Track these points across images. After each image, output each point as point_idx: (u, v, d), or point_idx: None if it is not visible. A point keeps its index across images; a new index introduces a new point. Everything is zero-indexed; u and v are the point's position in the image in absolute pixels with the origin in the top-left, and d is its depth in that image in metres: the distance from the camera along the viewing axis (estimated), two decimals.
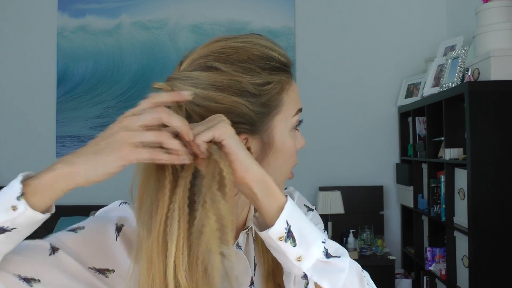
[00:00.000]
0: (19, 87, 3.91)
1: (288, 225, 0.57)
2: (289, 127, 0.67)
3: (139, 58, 3.85)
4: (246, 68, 0.62)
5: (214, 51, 0.63)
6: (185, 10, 3.85)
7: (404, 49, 3.76)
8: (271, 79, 0.64)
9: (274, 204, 0.58)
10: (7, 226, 0.51)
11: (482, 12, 2.46)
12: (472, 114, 2.26)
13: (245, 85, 0.61)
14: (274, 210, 0.58)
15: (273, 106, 0.64)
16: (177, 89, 0.59)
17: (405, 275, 3.49)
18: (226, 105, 0.60)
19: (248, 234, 0.73)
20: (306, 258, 0.58)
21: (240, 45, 0.64)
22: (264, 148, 0.64)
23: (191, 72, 0.62)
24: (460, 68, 2.66)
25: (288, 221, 0.58)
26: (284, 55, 0.67)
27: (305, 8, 3.82)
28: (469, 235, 2.27)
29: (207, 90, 0.60)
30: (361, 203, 3.59)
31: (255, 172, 0.58)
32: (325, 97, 3.74)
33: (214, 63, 0.62)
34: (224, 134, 0.56)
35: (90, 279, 0.60)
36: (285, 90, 0.66)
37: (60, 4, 3.89)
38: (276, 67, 0.65)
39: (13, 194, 0.51)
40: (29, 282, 0.55)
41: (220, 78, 0.61)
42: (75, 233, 0.63)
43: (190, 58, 0.64)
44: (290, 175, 0.71)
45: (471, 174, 2.25)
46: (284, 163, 0.67)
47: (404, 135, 3.64)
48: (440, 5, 3.77)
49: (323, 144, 3.69)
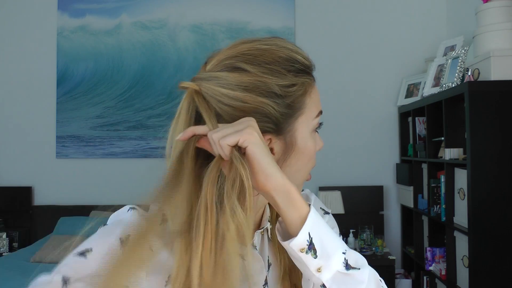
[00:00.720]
0: (19, 87, 3.91)
1: (310, 237, 0.58)
2: (310, 129, 0.68)
3: (139, 58, 3.85)
4: (272, 69, 0.64)
5: (241, 52, 0.64)
6: (185, 10, 3.85)
7: (404, 49, 3.76)
8: (296, 81, 0.65)
9: (296, 214, 0.59)
10: None
11: (482, 12, 2.46)
12: (472, 114, 2.26)
13: (271, 86, 0.63)
14: (296, 221, 0.59)
15: (297, 108, 0.66)
16: (205, 89, 0.62)
17: (405, 275, 3.49)
18: (253, 105, 0.62)
19: (263, 234, 0.74)
20: (326, 269, 0.58)
21: (266, 47, 0.65)
22: (286, 149, 0.65)
23: (217, 73, 0.63)
24: (460, 68, 2.66)
25: (310, 233, 0.58)
26: (308, 58, 0.68)
27: (305, 8, 3.82)
28: (469, 235, 2.27)
29: (234, 91, 0.61)
30: (361, 203, 3.59)
31: (277, 181, 0.58)
32: (325, 97, 3.71)
33: (241, 64, 0.63)
34: (248, 140, 0.57)
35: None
36: (308, 93, 0.67)
37: (60, 4, 3.89)
38: (300, 69, 0.66)
39: None
40: None
41: (246, 79, 0.62)
42: (85, 258, 0.61)
43: (216, 59, 0.65)
44: (308, 176, 0.72)
45: (471, 174, 2.25)
46: (304, 165, 0.68)
47: (404, 135, 3.64)
48: (440, 5, 3.77)
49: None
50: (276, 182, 0.58)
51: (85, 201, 3.72)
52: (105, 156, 3.85)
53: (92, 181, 3.82)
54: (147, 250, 0.60)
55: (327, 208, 0.83)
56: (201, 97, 0.62)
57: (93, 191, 3.78)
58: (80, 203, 3.70)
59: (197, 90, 0.62)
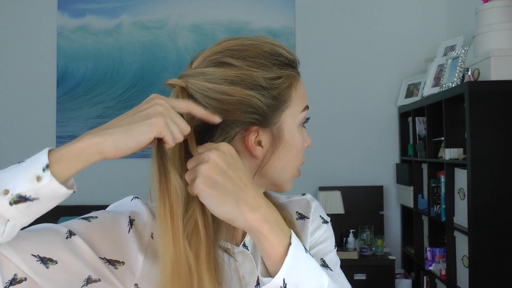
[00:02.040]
0: (19, 87, 3.90)
1: (284, 284, 0.56)
2: (297, 123, 0.69)
3: (139, 58, 3.85)
4: (257, 63, 0.64)
5: (226, 48, 0.65)
6: (185, 10, 3.85)
7: (404, 49, 3.76)
8: (281, 74, 0.66)
9: (267, 253, 0.57)
10: (30, 196, 0.50)
11: (482, 12, 2.46)
12: (472, 114, 2.26)
13: (257, 78, 0.64)
14: (273, 260, 0.57)
15: (283, 100, 0.66)
16: (191, 85, 0.63)
17: (405, 275, 3.49)
18: (238, 97, 0.62)
19: None
20: None
21: (250, 42, 0.66)
22: (274, 142, 0.66)
23: (203, 69, 0.64)
24: (460, 68, 2.66)
25: (285, 279, 0.56)
26: (291, 52, 0.69)
27: (305, 8, 3.82)
28: (469, 235, 2.27)
29: (220, 85, 0.62)
30: (361, 203, 3.59)
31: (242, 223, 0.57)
32: (325, 97, 3.74)
33: (227, 59, 0.64)
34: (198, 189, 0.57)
35: (100, 267, 0.60)
36: (293, 86, 0.68)
37: (60, 4, 3.89)
38: (285, 63, 0.67)
39: (39, 165, 0.51)
40: (46, 263, 0.56)
41: (232, 72, 0.63)
42: (89, 221, 0.64)
43: (202, 56, 0.66)
44: (297, 173, 0.72)
45: (471, 174, 2.25)
46: (292, 159, 0.69)
47: (404, 135, 3.64)
48: (440, 5, 3.77)
49: (323, 144, 3.69)
50: (243, 223, 0.57)
51: (85, 201, 3.72)
52: None
53: (92, 181, 3.81)
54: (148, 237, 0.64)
55: (326, 217, 0.82)
56: (187, 94, 0.63)
57: (93, 191, 3.78)
58: (80, 203, 3.70)
59: (183, 87, 0.63)
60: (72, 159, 0.52)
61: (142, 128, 0.53)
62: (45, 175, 0.50)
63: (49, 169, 0.51)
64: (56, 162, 0.51)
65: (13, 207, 0.50)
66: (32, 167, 0.51)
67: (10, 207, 0.50)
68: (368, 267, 3.20)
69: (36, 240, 0.57)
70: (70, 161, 0.52)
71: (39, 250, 0.56)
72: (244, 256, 0.70)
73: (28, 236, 0.57)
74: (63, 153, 0.52)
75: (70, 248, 0.58)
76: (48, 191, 0.51)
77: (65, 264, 0.57)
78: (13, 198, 0.50)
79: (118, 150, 0.53)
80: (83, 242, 0.60)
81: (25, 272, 0.55)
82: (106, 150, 0.52)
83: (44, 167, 0.50)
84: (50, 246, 0.57)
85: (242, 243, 0.70)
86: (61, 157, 0.51)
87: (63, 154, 0.52)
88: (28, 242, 0.56)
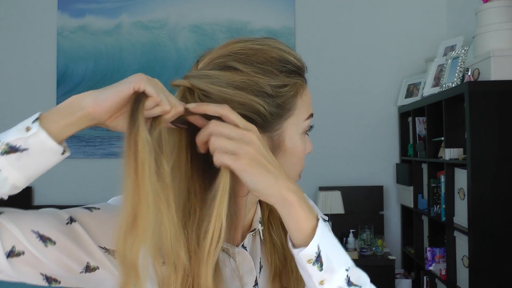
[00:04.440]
0: (19, 87, 3.90)
1: (318, 250, 0.58)
2: (300, 131, 0.68)
3: (139, 58, 3.85)
4: (264, 69, 0.64)
5: (233, 51, 0.64)
6: (185, 10, 3.85)
7: (404, 49, 3.76)
8: (288, 82, 0.65)
9: (295, 226, 0.59)
10: (20, 146, 0.52)
11: (482, 12, 2.46)
12: (472, 114, 2.26)
13: (263, 86, 0.63)
14: (302, 232, 0.59)
15: (287, 108, 0.65)
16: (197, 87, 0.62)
17: (405, 275, 3.49)
18: (242, 100, 0.62)
19: (255, 236, 0.74)
20: (328, 283, 0.59)
21: (259, 47, 0.65)
22: (273, 148, 0.65)
23: (209, 71, 0.63)
24: (460, 68, 2.66)
25: (320, 245, 0.58)
26: (300, 59, 0.68)
27: (305, 8, 3.82)
28: (469, 235, 2.27)
29: (225, 88, 0.62)
30: (361, 203, 3.59)
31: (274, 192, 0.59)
32: (325, 97, 3.74)
33: (233, 63, 0.63)
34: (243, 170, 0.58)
35: (99, 256, 0.61)
36: (299, 94, 0.67)
37: (60, 4, 3.89)
38: (292, 70, 0.66)
39: (29, 119, 0.54)
40: (45, 241, 0.57)
41: (238, 77, 0.62)
42: (90, 211, 0.64)
43: (208, 58, 0.65)
44: (297, 178, 0.71)
45: (471, 174, 2.25)
46: (293, 166, 0.68)
47: (404, 135, 3.64)
48: (440, 5, 3.77)
49: (323, 144, 3.69)
50: (278, 198, 0.59)
51: (85, 201, 3.71)
52: (105, 156, 3.85)
53: (92, 181, 3.81)
54: None
55: (324, 216, 0.83)
56: (193, 95, 0.63)
57: (93, 191, 3.78)
58: (80, 203, 3.69)
59: (189, 88, 0.63)
60: (58, 112, 0.54)
61: (120, 86, 0.55)
62: (34, 126, 0.53)
63: (38, 121, 0.53)
64: (45, 116, 0.54)
65: (4, 157, 0.52)
66: (23, 122, 0.54)
67: (1, 157, 0.52)
68: (368, 267, 3.16)
69: (37, 219, 0.58)
70: (57, 114, 0.54)
71: (39, 228, 0.57)
72: (243, 256, 0.70)
73: (29, 214, 0.58)
74: (52, 111, 0.55)
75: (69, 233, 0.59)
76: (37, 142, 0.52)
77: (63, 247, 0.58)
78: (4, 148, 0.52)
79: (98, 101, 0.54)
80: (82, 230, 0.60)
81: (24, 245, 0.56)
82: (86, 103, 0.54)
83: (33, 119, 0.53)
84: (50, 227, 0.58)
85: (241, 244, 0.70)
86: (49, 113, 0.54)
87: (51, 111, 0.55)
88: (29, 219, 0.57)
